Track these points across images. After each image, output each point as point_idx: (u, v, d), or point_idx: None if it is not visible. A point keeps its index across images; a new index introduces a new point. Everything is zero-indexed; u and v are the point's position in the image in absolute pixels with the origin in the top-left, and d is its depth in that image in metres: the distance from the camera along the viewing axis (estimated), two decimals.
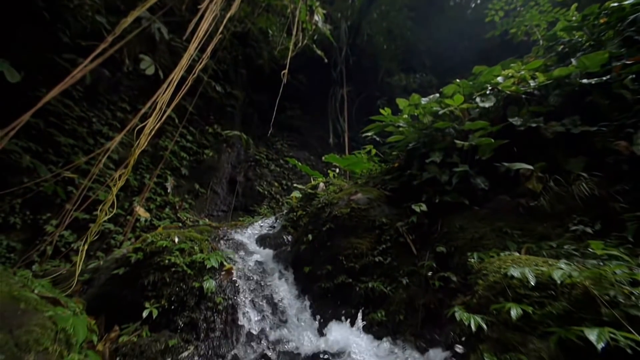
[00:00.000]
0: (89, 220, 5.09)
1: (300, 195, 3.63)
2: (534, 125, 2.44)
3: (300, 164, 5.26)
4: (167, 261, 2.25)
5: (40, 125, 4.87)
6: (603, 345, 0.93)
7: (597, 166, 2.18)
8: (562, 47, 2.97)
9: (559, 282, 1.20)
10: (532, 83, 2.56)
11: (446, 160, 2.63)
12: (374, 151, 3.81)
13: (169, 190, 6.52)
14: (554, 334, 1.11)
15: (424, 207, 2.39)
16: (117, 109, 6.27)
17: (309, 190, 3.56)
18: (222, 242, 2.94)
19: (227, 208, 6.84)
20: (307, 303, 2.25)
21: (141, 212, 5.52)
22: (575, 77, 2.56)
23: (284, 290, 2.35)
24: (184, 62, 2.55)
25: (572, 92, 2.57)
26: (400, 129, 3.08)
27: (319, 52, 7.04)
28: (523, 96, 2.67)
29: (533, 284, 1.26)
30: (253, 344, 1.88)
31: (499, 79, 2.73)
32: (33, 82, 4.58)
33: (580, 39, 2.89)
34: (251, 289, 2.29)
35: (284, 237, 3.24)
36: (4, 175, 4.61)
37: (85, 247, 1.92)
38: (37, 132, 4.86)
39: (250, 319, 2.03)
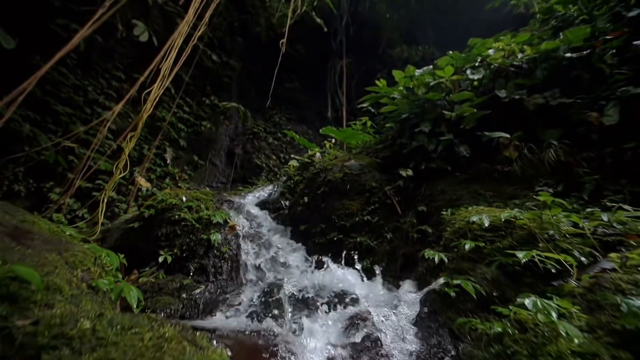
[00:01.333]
0: (92, 189, 5.37)
1: (298, 164, 3.88)
2: (517, 97, 2.64)
3: (297, 136, 5.46)
4: (177, 216, 2.55)
5: (37, 93, 4.95)
6: (526, 260, 1.24)
7: (570, 136, 2.43)
8: (555, 20, 3.07)
9: (503, 220, 1.50)
10: (520, 56, 2.71)
11: (434, 130, 2.86)
12: (369, 123, 4.01)
13: (168, 162, 6.74)
14: (497, 261, 1.43)
15: (410, 172, 2.66)
16: (111, 78, 6.29)
17: (306, 160, 3.81)
18: (224, 204, 3.24)
19: (226, 180, 7.12)
20: (303, 254, 2.60)
21: (142, 182, 5.78)
22: (562, 51, 2.71)
23: (282, 243, 2.68)
24: (184, 27, 2.64)
25: (558, 66, 2.74)
26: (395, 100, 3.26)
27: (318, 20, 6.91)
28: (512, 69, 2.84)
29: (487, 225, 1.56)
30: (255, 283, 2.24)
31: (490, 51, 2.87)
32: (28, 49, 4.59)
33: (574, 13, 2.99)
34: (252, 242, 2.62)
35: (282, 202, 3.54)
36: (6, 144, 4.79)
37: (106, 197, 2.20)
38: (34, 100, 4.96)
39: (252, 265, 2.37)
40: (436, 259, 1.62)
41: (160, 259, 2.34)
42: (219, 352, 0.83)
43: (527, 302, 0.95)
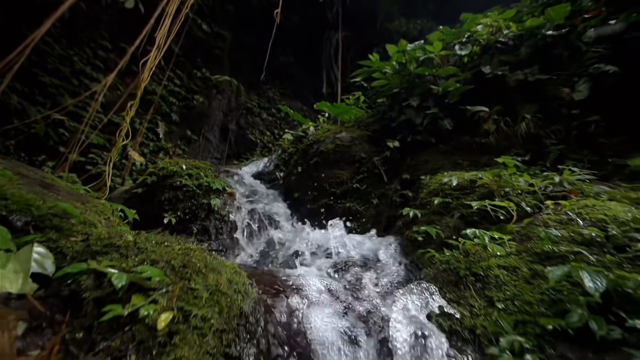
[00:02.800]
0: (85, 162, 5.51)
1: (292, 138, 4.09)
2: (499, 73, 2.85)
3: (292, 111, 5.59)
4: (178, 182, 2.78)
5: (24, 64, 4.92)
6: (478, 207, 1.54)
7: (544, 110, 2.68)
8: None
9: (468, 180, 1.78)
10: (505, 32, 2.89)
11: (422, 104, 3.07)
12: (362, 98, 4.18)
13: (161, 136, 6.84)
14: (459, 212, 1.73)
15: (397, 144, 2.91)
16: (97, 47, 6.21)
17: (300, 133, 4.01)
18: (221, 174, 3.47)
19: (220, 155, 7.28)
20: (297, 217, 2.89)
21: (136, 156, 5.93)
22: (546, 29, 2.89)
23: (277, 209, 2.97)
24: None
25: (540, 44, 2.93)
26: (386, 75, 3.43)
27: None
28: (498, 45, 3.02)
29: (454, 185, 1.85)
30: (254, 242, 2.54)
31: (479, 27, 3.03)
32: (11, 18, 4.50)
33: None
34: (250, 207, 2.90)
35: (277, 173, 3.79)
36: None
37: (112, 162, 2.41)
38: (21, 70, 4.93)
39: (250, 226, 2.66)
40: (411, 214, 1.92)
41: (165, 221, 2.60)
42: (230, 263, 1.11)
43: (468, 231, 1.24)
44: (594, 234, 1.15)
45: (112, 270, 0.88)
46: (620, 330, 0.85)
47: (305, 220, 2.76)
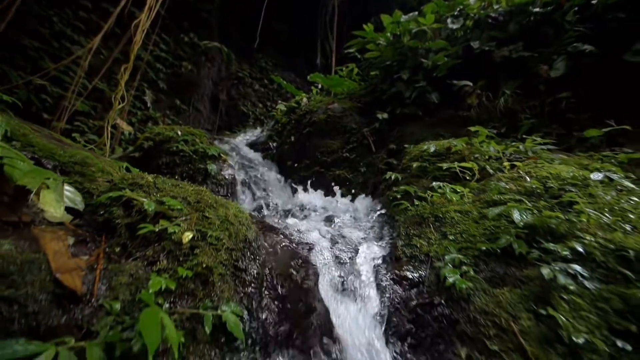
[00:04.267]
0: (71, 130, 5.51)
1: (285, 109, 4.22)
2: (487, 48, 3.02)
3: (285, 82, 5.64)
4: (174, 148, 2.95)
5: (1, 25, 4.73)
6: (448, 168, 1.81)
7: (524, 87, 2.91)
8: None
9: (444, 147, 2.04)
10: (495, 7, 3.02)
11: (412, 78, 3.25)
12: (355, 70, 4.29)
13: (148, 105, 6.78)
14: (433, 174, 2.00)
15: (385, 116, 3.12)
16: (78, 7, 5.95)
17: (293, 105, 4.14)
18: (215, 142, 3.63)
19: (211, 127, 7.32)
20: (289, 183, 3.14)
21: (124, 125, 5.96)
22: (534, 6, 3.03)
23: (271, 175, 3.20)
24: None
25: (528, 21, 3.09)
26: (380, 46, 3.54)
27: None
28: (488, 20, 3.16)
29: (432, 151, 2.11)
30: (249, 204, 2.79)
31: (471, 0, 3.14)
32: None
33: None
34: (245, 173, 3.11)
35: (270, 143, 3.97)
36: None
37: (110, 123, 2.55)
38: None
39: (245, 191, 2.90)
40: (393, 177, 2.19)
41: None
42: (235, 204, 1.36)
43: (434, 184, 1.51)
44: (534, 186, 1.44)
45: (142, 198, 1.11)
46: (538, 252, 1.16)
47: (298, 186, 3.02)
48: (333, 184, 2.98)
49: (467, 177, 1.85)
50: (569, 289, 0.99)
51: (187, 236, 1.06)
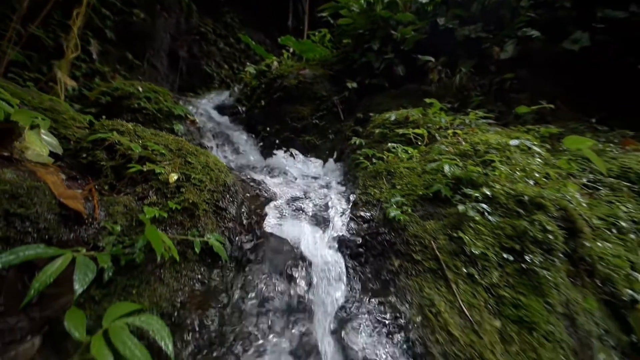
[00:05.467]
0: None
1: (255, 72, 4.22)
2: (451, 26, 3.33)
3: (254, 43, 5.50)
4: (136, 105, 2.90)
5: None
6: (403, 133, 2.15)
7: (478, 66, 3.31)
8: None
9: (403, 116, 2.37)
10: None
11: (382, 49, 3.48)
12: (328, 36, 4.38)
13: (94, 57, 6.15)
14: (391, 139, 2.33)
15: (355, 85, 3.36)
16: None
17: (263, 68, 4.16)
18: (180, 102, 3.59)
19: (171, 87, 6.91)
20: (259, 148, 3.31)
21: (67, 80, 5.49)
22: None
23: (240, 139, 3.32)
24: None
25: (489, 2, 3.43)
26: (353, 13, 3.67)
27: None
28: None
29: (393, 119, 2.43)
30: None
31: None
32: None
33: None
34: (214, 136, 3.20)
35: (239, 107, 4.02)
36: None
37: (63, 74, 2.44)
38: None
39: (215, 153, 3.01)
40: (357, 142, 2.49)
41: None
42: (213, 154, 1.54)
43: (389, 145, 1.83)
44: (467, 149, 1.83)
45: (128, 141, 1.25)
46: (460, 196, 1.55)
47: (268, 150, 3.20)
48: (303, 149, 3.21)
49: (419, 142, 2.21)
50: (475, 220, 1.39)
51: (173, 177, 1.25)
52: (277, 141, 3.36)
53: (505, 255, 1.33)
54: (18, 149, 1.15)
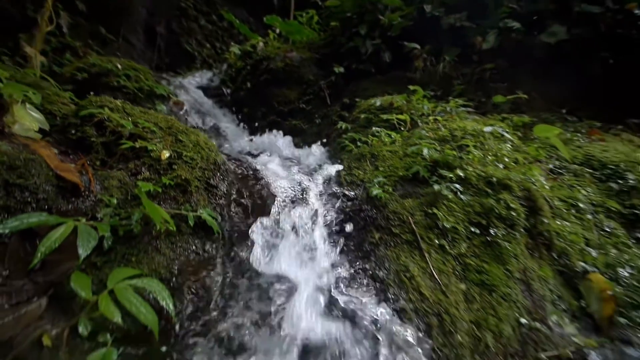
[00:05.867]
0: None
1: (240, 53, 4.17)
2: (437, 14, 3.43)
3: (238, 21, 5.37)
4: (115, 83, 2.84)
5: None
6: (387, 119, 2.27)
7: (462, 55, 3.46)
8: None
9: (387, 102, 2.49)
10: None
11: (370, 34, 3.53)
12: (315, 18, 4.36)
13: (64, 30, 5.79)
14: (376, 124, 2.45)
15: (342, 70, 3.42)
16: None
17: (248, 48, 4.11)
18: (163, 82, 3.52)
19: (148, 65, 6.64)
20: (246, 130, 3.34)
21: (37, 55, 5.22)
22: None
23: (226, 122, 3.34)
24: None
25: None
26: None
27: None
28: None
29: (378, 105, 2.54)
30: None
31: None
32: None
33: None
34: (198, 117, 3.19)
35: (224, 89, 3.99)
36: None
37: (38, 47, 2.35)
38: None
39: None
40: (343, 127, 2.59)
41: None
42: (202, 134, 1.60)
43: (374, 129, 1.95)
44: (445, 135, 1.98)
45: (119, 118, 1.29)
46: (436, 177, 1.70)
47: (255, 133, 3.24)
48: (290, 133, 3.28)
49: (402, 127, 2.34)
50: (449, 198, 1.55)
51: (165, 154, 1.31)
52: (263, 124, 3.40)
53: (473, 229, 1.51)
54: (6, 123, 1.17)
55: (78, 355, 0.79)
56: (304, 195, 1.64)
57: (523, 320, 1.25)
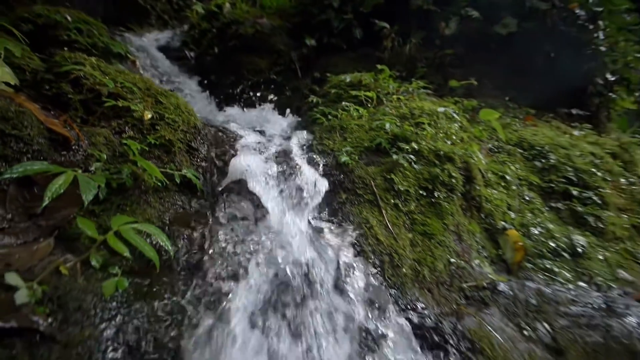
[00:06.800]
0: None
1: (203, 12, 4.02)
2: None
3: None
4: (66, 37, 2.66)
5: None
6: (355, 95, 2.53)
7: (427, 38, 3.78)
8: None
9: (357, 79, 2.73)
10: None
11: (342, 8, 3.67)
12: None
13: None
14: (345, 99, 2.69)
15: (313, 43, 3.55)
16: None
17: (213, 8, 3.99)
18: (117, 38, 3.33)
19: (94, 18, 5.97)
20: (214, 100, 3.36)
21: None
22: None
23: (191, 88, 3.31)
24: None
25: None
26: None
27: None
28: None
29: (348, 81, 2.78)
30: None
31: None
32: None
33: None
34: (160, 81, 3.13)
35: (186, 52, 3.87)
36: None
37: None
38: None
39: None
40: (314, 101, 2.79)
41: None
42: (181, 97, 1.70)
43: (343, 104, 2.20)
44: (405, 112, 2.31)
45: (100, 75, 1.36)
46: (395, 148, 2.02)
47: (223, 103, 3.29)
48: (259, 104, 3.38)
49: (369, 104, 2.62)
50: (404, 166, 1.89)
51: (147, 115, 1.42)
52: (233, 95, 3.44)
53: (421, 192, 1.88)
54: None
55: (94, 282, 0.96)
56: (281, 162, 1.86)
57: (452, 260, 1.66)
